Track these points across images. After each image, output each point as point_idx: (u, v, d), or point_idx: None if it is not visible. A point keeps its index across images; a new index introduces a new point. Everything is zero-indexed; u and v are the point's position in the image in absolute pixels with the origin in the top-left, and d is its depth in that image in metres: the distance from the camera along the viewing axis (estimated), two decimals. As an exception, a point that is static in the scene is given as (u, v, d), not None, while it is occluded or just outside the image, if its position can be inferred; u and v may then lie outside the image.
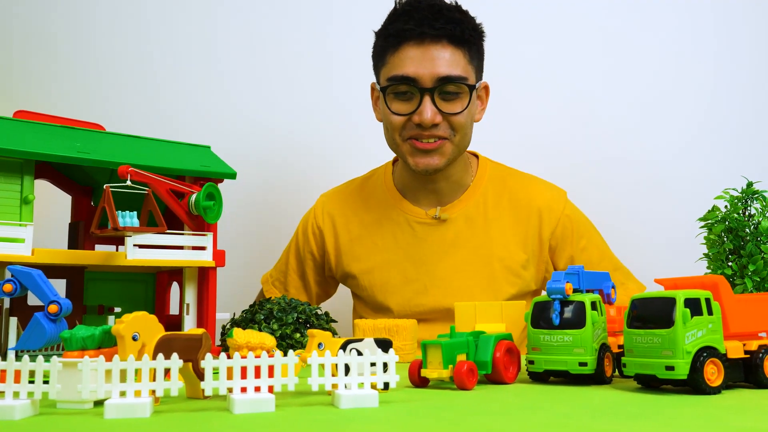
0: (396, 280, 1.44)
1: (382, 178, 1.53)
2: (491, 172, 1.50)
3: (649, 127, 1.91)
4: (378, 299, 1.45)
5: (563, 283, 0.82)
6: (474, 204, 1.46)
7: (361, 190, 1.54)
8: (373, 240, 1.48)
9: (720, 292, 0.78)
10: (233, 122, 1.81)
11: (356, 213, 1.51)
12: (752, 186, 0.96)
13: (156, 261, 1.04)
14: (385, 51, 1.39)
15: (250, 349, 0.71)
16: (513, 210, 1.45)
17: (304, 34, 1.88)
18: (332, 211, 1.52)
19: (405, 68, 1.34)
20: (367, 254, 1.47)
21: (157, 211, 1.00)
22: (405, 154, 1.40)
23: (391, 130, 1.40)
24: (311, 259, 1.53)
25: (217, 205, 1.10)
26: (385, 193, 1.51)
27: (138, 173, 1.00)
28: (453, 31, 1.34)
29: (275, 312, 1.12)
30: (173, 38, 1.82)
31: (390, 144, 1.44)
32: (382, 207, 1.49)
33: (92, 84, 1.77)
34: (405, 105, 1.36)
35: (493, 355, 0.83)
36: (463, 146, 1.41)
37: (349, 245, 1.49)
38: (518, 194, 1.47)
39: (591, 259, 1.45)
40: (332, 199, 1.55)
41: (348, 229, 1.50)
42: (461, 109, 1.36)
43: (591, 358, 0.80)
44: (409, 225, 1.46)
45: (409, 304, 1.43)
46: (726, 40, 1.97)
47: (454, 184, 1.46)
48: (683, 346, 0.72)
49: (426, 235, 1.44)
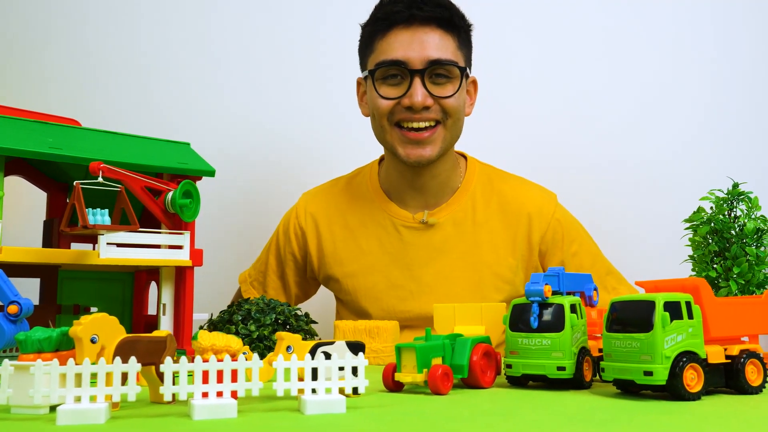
0: (381, 285, 1.41)
1: (368, 178, 1.49)
2: (480, 174, 1.46)
3: (638, 128, 1.89)
4: (361, 304, 1.41)
5: (542, 285, 0.80)
6: (462, 208, 1.42)
7: (346, 189, 1.50)
8: (357, 243, 1.44)
9: (701, 295, 0.75)
10: (216, 119, 1.78)
11: (340, 214, 1.46)
12: (738, 187, 0.94)
13: (130, 260, 1.02)
14: (373, 37, 1.36)
15: (215, 352, 0.69)
16: (502, 214, 1.42)
17: (286, 27, 1.86)
18: (315, 211, 1.48)
19: (394, 52, 1.31)
20: (350, 257, 1.43)
21: (129, 209, 0.97)
22: (394, 144, 1.35)
23: (378, 117, 1.35)
24: (292, 260, 1.49)
25: (195, 203, 1.07)
26: (371, 194, 1.46)
27: (111, 170, 0.97)
28: (442, 15, 1.33)
29: (253, 313, 1.10)
30: (155, 33, 1.80)
31: (378, 134, 1.39)
32: (367, 208, 1.45)
33: (70, 79, 1.74)
34: (394, 89, 1.33)
35: (469, 359, 0.81)
36: (455, 133, 1.38)
37: (332, 247, 1.45)
38: (507, 198, 1.43)
39: (582, 264, 1.42)
40: (315, 199, 1.50)
41: (331, 231, 1.46)
42: (452, 92, 1.33)
43: (569, 363, 0.78)
44: (396, 229, 1.42)
45: (394, 310, 1.39)
46: (717, 43, 1.95)
47: (442, 183, 1.42)
48: (662, 351, 0.70)
49: (412, 240, 1.41)
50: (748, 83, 1.94)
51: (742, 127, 1.90)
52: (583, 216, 1.49)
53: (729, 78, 1.94)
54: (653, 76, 1.92)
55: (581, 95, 1.90)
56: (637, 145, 1.87)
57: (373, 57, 1.36)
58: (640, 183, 1.84)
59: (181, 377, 0.63)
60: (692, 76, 1.93)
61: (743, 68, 1.95)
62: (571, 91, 1.90)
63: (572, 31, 1.92)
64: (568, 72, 1.91)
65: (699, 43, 1.94)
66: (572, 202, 1.50)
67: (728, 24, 1.96)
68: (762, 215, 0.94)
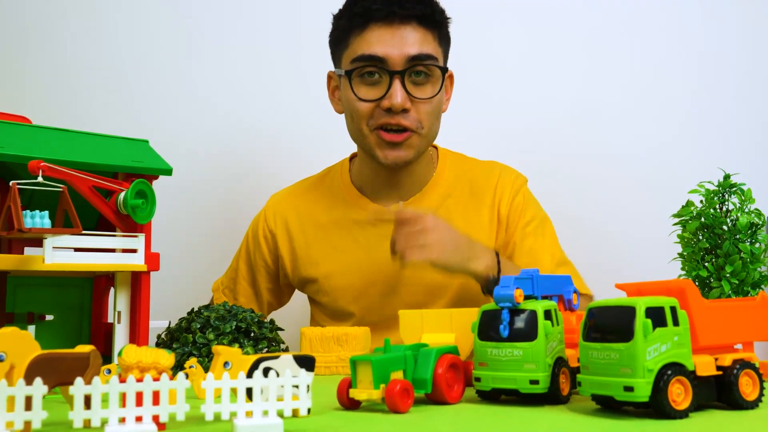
0: (359, 283, 1.35)
1: (339, 176, 1.43)
2: (452, 163, 1.43)
3: (624, 118, 1.83)
4: (340, 304, 1.36)
5: (512, 290, 0.72)
6: (436, 196, 1.38)
7: (316, 189, 1.44)
8: (330, 242, 1.38)
9: (688, 299, 0.68)
10: (188, 115, 1.71)
11: (312, 214, 1.41)
12: (729, 179, 0.87)
13: (78, 265, 0.95)
14: (348, 33, 1.29)
15: (141, 370, 0.62)
16: (475, 197, 1.39)
17: (252, 22, 1.78)
18: (285, 213, 1.42)
19: (372, 48, 1.24)
20: (325, 257, 1.38)
21: (72, 211, 0.90)
22: (372, 146, 1.30)
23: (357, 120, 1.29)
24: (263, 266, 1.43)
25: (149, 203, 1.00)
26: (343, 192, 1.41)
27: (53, 169, 0.90)
28: (423, 11, 1.26)
29: (212, 320, 1.03)
30: (123, 25, 1.72)
31: (355, 135, 1.33)
32: (339, 206, 1.39)
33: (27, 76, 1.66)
34: (372, 90, 1.26)
35: (434, 372, 0.73)
36: (431, 136, 1.33)
37: (305, 249, 1.39)
38: (479, 180, 1.40)
39: (534, 246, 1.36)
40: (285, 200, 1.44)
41: (303, 232, 1.40)
42: (432, 94, 1.27)
43: (543, 375, 0.71)
44: (371, 222, 1.36)
45: (376, 306, 1.34)
46: (705, 31, 1.90)
47: (417, 178, 1.38)
48: (644, 363, 0.63)
49: (388, 233, 1.35)
50: (737, 71, 1.89)
51: (732, 116, 1.84)
52: (566, 210, 1.43)
53: (718, 66, 1.89)
54: (640, 64, 1.86)
55: (566, 86, 1.84)
56: (624, 136, 1.81)
57: (349, 53, 1.29)
58: (626, 175, 1.77)
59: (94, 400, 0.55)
60: (680, 64, 1.87)
61: (731, 55, 1.90)
62: (556, 82, 1.84)
63: (558, 24, 1.87)
64: (553, 63, 1.85)
65: (686, 30, 1.89)
66: (556, 196, 1.44)
67: (715, 13, 1.90)
68: (756, 209, 0.86)
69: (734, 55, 1.89)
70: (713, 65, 1.88)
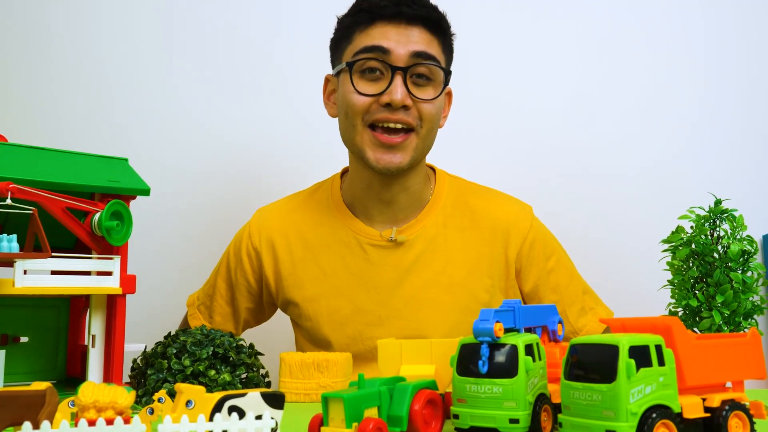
0: (345, 310, 1.29)
1: (329, 192, 1.37)
2: (450, 187, 1.36)
3: (616, 143, 1.81)
4: (323, 331, 1.29)
5: (492, 323, 0.69)
6: (433, 223, 1.31)
7: (305, 205, 1.37)
8: (318, 264, 1.31)
9: (674, 336, 0.65)
10: (167, 131, 1.67)
11: (299, 232, 1.34)
12: (720, 204, 0.84)
13: (51, 288, 0.93)
14: (352, 29, 1.25)
15: (98, 410, 0.59)
16: (476, 230, 1.31)
17: (237, 37, 1.76)
18: (271, 230, 1.35)
19: (377, 40, 1.21)
20: (312, 280, 1.31)
21: (42, 234, 0.87)
22: (364, 147, 1.23)
23: (351, 115, 1.23)
24: (245, 284, 1.36)
25: (125, 225, 0.97)
26: (333, 210, 1.34)
27: (22, 190, 0.88)
28: (430, 15, 1.24)
29: (189, 345, 0.99)
30: (105, 38, 1.69)
31: (347, 135, 1.27)
32: (329, 226, 1.33)
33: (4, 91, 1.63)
34: (372, 85, 1.22)
35: (410, 409, 0.70)
36: (428, 143, 1.28)
37: (291, 269, 1.33)
38: (480, 212, 1.33)
39: (559, 282, 1.32)
40: (271, 216, 1.37)
41: (290, 251, 1.33)
42: (433, 97, 1.24)
43: (524, 414, 0.67)
44: (361, 248, 1.30)
45: (361, 336, 1.28)
46: (699, 61, 1.88)
47: (412, 197, 1.31)
48: (627, 406, 0.59)
49: (380, 260, 1.29)
50: (730, 95, 1.86)
51: (724, 140, 1.81)
52: (559, 234, 1.39)
53: (710, 90, 1.86)
54: (633, 88, 1.84)
55: (560, 108, 1.82)
56: (615, 160, 1.78)
57: (351, 48, 1.25)
58: (615, 200, 1.74)
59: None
60: (672, 88, 1.85)
61: (726, 79, 1.87)
62: (550, 103, 1.82)
63: (553, 45, 1.84)
64: (548, 85, 1.83)
65: (680, 54, 1.87)
66: (550, 220, 1.40)
67: (710, 38, 1.88)
68: (748, 236, 0.83)
69: (730, 79, 1.87)
70: (706, 88, 1.86)
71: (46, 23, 1.67)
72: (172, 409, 0.62)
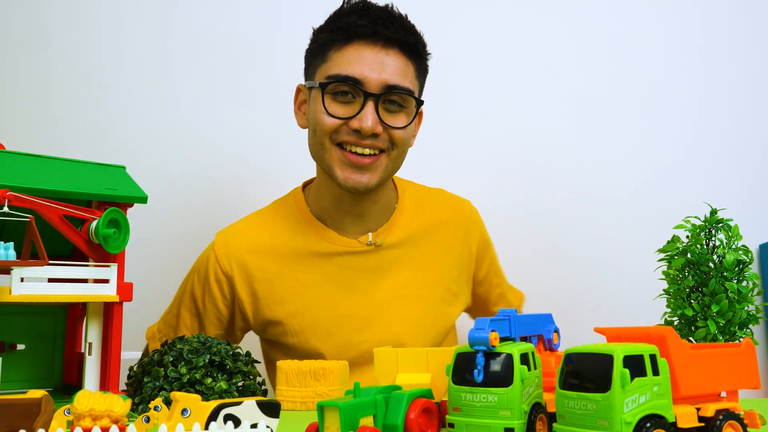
0: (331, 319, 1.27)
1: (295, 208, 1.34)
2: (409, 191, 1.41)
3: (611, 153, 1.81)
4: (312, 344, 1.27)
5: (487, 332, 0.70)
6: (404, 225, 1.35)
7: (272, 221, 1.33)
8: (296, 277, 1.28)
9: (668, 346, 0.65)
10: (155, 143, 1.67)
11: (272, 249, 1.30)
12: (716, 214, 0.84)
13: (48, 296, 0.93)
14: (328, 46, 1.24)
15: (94, 418, 0.59)
16: (440, 228, 1.39)
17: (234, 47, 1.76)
18: (241, 252, 1.29)
19: (351, 68, 1.19)
20: (291, 294, 1.28)
21: (38, 242, 0.88)
22: (332, 165, 1.23)
23: (320, 134, 1.22)
24: (214, 312, 1.30)
25: (122, 233, 0.97)
26: (303, 224, 1.31)
27: (19, 198, 0.88)
28: (407, 39, 1.23)
29: (185, 353, 0.99)
30: (103, 47, 1.70)
31: (315, 150, 1.26)
32: (302, 239, 1.30)
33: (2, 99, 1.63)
34: (343, 107, 1.21)
35: (405, 417, 0.70)
36: (398, 165, 1.29)
37: (268, 288, 1.28)
38: (439, 211, 1.40)
39: (498, 266, 1.47)
40: (238, 238, 1.31)
41: (264, 269, 1.28)
42: (404, 124, 1.24)
43: (519, 423, 0.68)
44: (339, 256, 1.29)
45: (350, 342, 1.27)
46: (693, 73, 1.89)
47: (383, 207, 1.34)
48: (621, 416, 0.60)
49: (359, 264, 1.30)
50: (726, 105, 1.86)
51: (720, 150, 1.81)
52: (548, 246, 1.40)
53: (707, 100, 1.87)
54: (630, 97, 1.84)
55: (557, 115, 1.82)
56: (612, 170, 1.78)
57: (325, 68, 1.23)
58: (611, 210, 1.74)
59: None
60: (669, 98, 1.85)
61: (722, 90, 1.87)
62: (542, 115, 1.82)
63: (543, 60, 1.85)
64: (540, 96, 1.83)
65: (674, 66, 1.88)
66: (537, 232, 1.41)
67: (703, 49, 1.89)
68: (743, 245, 0.84)
69: (726, 89, 1.87)
70: (703, 98, 1.86)
71: (44, 31, 1.67)
72: (168, 417, 0.62)
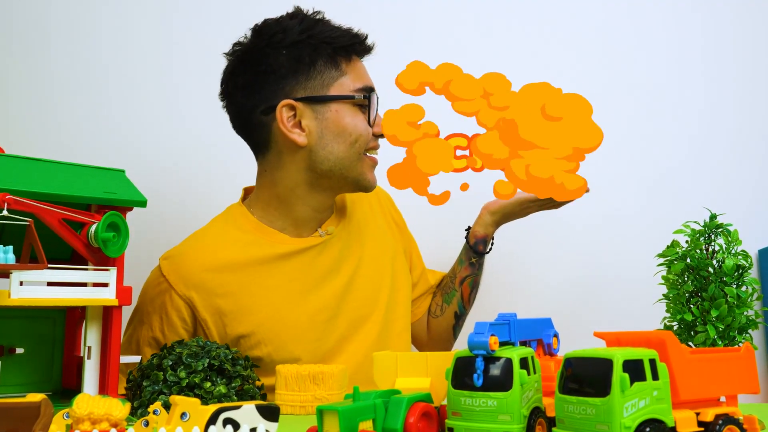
0: (302, 316, 1.27)
1: (242, 220, 1.33)
2: None
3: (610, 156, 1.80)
4: (288, 348, 1.25)
5: (486, 336, 0.70)
6: (347, 212, 1.43)
7: (222, 238, 1.31)
8: (259, 284, 1.27)
9: (668, 351, 0.65)
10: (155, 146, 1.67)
11: (228, 263, 1.27)
12: (715, 219, 0.84)
13: (47, 300, 0.92)
14: (335, 59, 1.30)
15: (93, 422, 0.59)
16: (370, 207, 1.47)
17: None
18: (195, 272, 1.26)
19: (366, 77, 1.34)
20: (259, 302, 1.26)
21: (38, 246, 0.88)
22: (364, 171, 1.32)
23: (361, 144, 1.30)
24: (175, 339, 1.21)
25: (121, 237, 0.97)
26: (255, 233, 1.31)
27: (18, 201, 0.88)
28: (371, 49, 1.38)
29: (184, 357, 0.99)
30: (102, 49, 1.70)
31: (349, 162, 1.30)
32: (257, 247, 1.30)
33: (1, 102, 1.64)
34: (365, 115, 1.32)
35: (405, 421, 0.70)
36: None
37: (233, 301, 1.25)
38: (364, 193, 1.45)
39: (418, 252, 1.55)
40: (189, 258, 1.28)
41: (225, 284, 1.25)
42: None
43: (518, 427, 0.67)
44: (297, 253, 1.31)
45: (324, 333, 1.28)
46: (694, 80, 1.88)
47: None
48: (621, 420, 0.60)
49: (315, 256, 1.32)
50: (726, 110, 1.86)
51: (720, 155, 1.81)
52: (554, 245, 1.40)
53: (706, 105, 1.86)
54: (630, 101, 1.83)
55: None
56: (611, 175, 1.77)
57: (345, 81, 1.30)
58: (611, 214, 1.74)
59: (36, 460, 0.52)
60: (668, 102, 1.85)
61: (721, 95, 1.87)
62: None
63: (544, 66, 1.84)
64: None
65: (674, 72, 1.87)
66: (545, 230, 1.41)
67: (705, 55, 1.89)
68: (743, 250, 0.84)
69: (726, 94, 1.87)
70: (702, 103, 1.86)
71: (44, 35, 1.67)
72: (167, 421, 0.62)
